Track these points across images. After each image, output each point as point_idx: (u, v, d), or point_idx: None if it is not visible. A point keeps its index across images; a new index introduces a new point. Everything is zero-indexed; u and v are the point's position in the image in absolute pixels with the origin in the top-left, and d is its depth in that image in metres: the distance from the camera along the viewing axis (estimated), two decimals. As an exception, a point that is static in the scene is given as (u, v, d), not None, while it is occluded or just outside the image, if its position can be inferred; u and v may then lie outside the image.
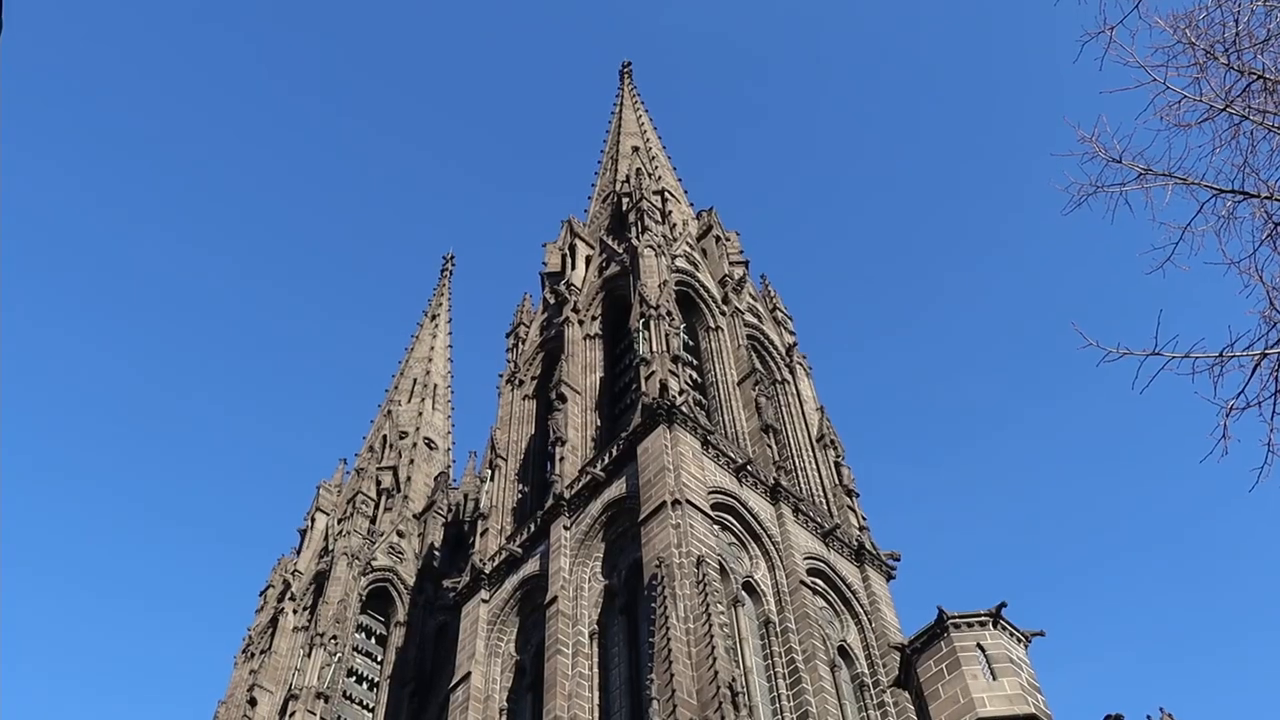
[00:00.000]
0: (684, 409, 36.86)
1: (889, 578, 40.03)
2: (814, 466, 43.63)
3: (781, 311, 52.54)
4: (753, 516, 36.77)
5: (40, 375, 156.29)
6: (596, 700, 32.97)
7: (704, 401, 43.50)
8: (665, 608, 29.84)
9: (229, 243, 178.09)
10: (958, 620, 27.27)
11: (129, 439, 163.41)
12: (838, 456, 44.08)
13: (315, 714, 47.33)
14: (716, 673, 27.72)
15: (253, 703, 51.16)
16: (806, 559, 37.05)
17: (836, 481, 42.88)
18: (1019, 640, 27.47)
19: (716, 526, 34.81)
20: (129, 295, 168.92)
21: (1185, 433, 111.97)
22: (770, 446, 40.39)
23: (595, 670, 33.74)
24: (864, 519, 41.69)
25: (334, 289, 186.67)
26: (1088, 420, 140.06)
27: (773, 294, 53.69)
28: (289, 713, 47.43)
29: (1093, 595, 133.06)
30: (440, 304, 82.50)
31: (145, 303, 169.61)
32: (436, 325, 79.97)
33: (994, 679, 26.02)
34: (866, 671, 35.51)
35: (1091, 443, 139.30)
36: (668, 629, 29.21)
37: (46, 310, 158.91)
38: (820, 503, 41.77)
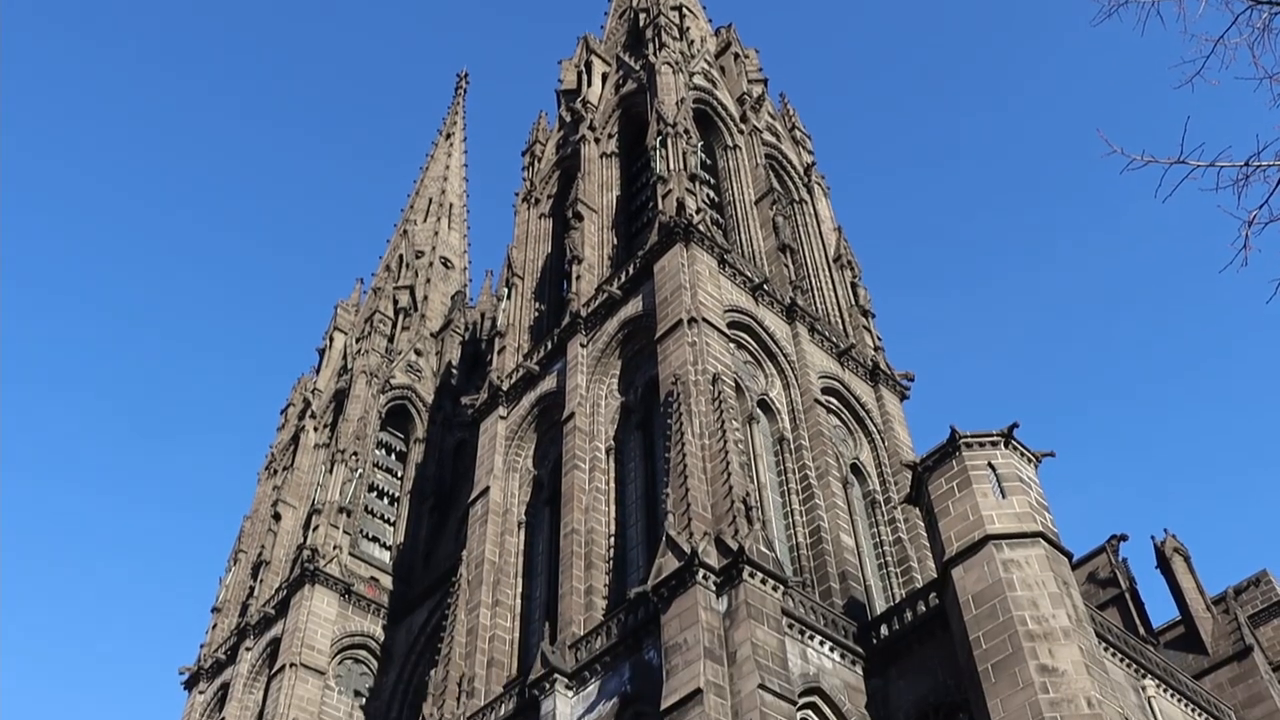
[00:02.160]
0: (701, 227, 36.68)
1: (902, 398, 40.40)
2: (830, 286, 43.64)
3: (800, 131, 51.80)
4: (768, 335, 36.93)
5: (56, 202, 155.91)
6: (613, 514, 33.71)
7: (721, 220, 43.25)
8: (681, 424, 30.22)
9: (245, 64, 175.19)
10: (969, 439, 27.59)
11: (153, 266, 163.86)
12: (854, 277, 44.04)
13: (338, 528, 48.49)
14: (731, 488, 28.23)
15: (277, 517, 52.39)
16: (821, 378, 37.35)
17: (852, 302, 42.94)
18: (1029, 460, 27.82)
19: (732, 345, 35.01)
20: (143, 122, 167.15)
21: (1205, 249, 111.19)
22: (787, 266, 40.32)
23: (612, 485, 34.42)
24: (879, 339, 41.87)
25: (348, 108, 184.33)
26: (1107, 242, 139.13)
27: (791, 113, 52.84)
28: (312, 526, 48.59)
29: (1103, 418, 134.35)
30: (455, 123, 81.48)
31: (162, 129, 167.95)
32: (451, 144, 79.11)
33: (1003, 497, 26.43)
34: (878, 489, 36.14)
35: (1109, 266, 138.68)
36: (683, 445, 29.64)
37: (52, 142, 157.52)
38: (836, 322, 41.91)
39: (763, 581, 26.44)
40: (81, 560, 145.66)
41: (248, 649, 47.83)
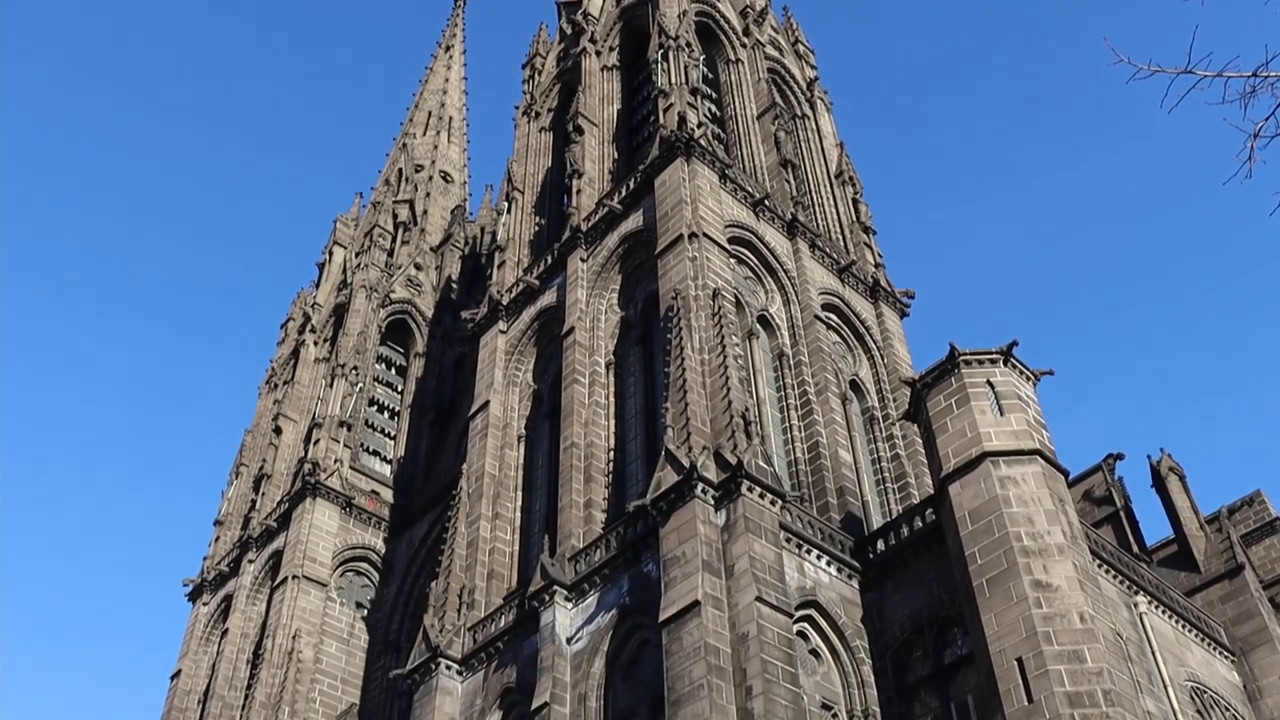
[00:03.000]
0: (702, 142, 36.42)
1: (902, 315, 40.41)
2: (831, 202, 43.44)
3: (803, 45, 51.22)
4: (769, 251, 36.83)
5: (52, 114, 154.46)
6: (613, 428, 33.87)
7: (723, 135, 42.92)
8: (681, 339, 30.25)
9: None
10: (968, 357, 27.63)
11: (152, 179, 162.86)
12: (856, 193, 43.82)
13: (338, 442, 48.72)
14: (730, 402, 28.33)
15: (278, 431, 52.62)
16: (821, 294, 37.32)
17: (854, 218, 42.77)
18: (1028, 378, 27.88)
19: (733, 260, 34.93)
20: (140, 34, 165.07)
21: (1208, 164, 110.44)
22: (788, 182, 40.10)
23: (611, 399, 34.54)
24: (880, 256, 41.77)
25: (346, 21, 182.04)
26: (1110, 158, 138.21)
27: (794, 27, 52.19)
28: (313, 440, 48.82)
29: (1102, 337, 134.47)
30: (454, 35, 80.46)
31: (159, 40, 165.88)
32: (451, 57, 78.19)
33: (1001, 415, 26.53)
34: (877, 405, 36.28)
35: (1112, 181, 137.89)
36: (683, 359, 29.69)
37: (47, 51, 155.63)
38: (837, 239, 41.78)
39: (761, 496, 26.65)
40: (83, 472, 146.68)
41: (250, 561, 48.32)
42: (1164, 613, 29.96)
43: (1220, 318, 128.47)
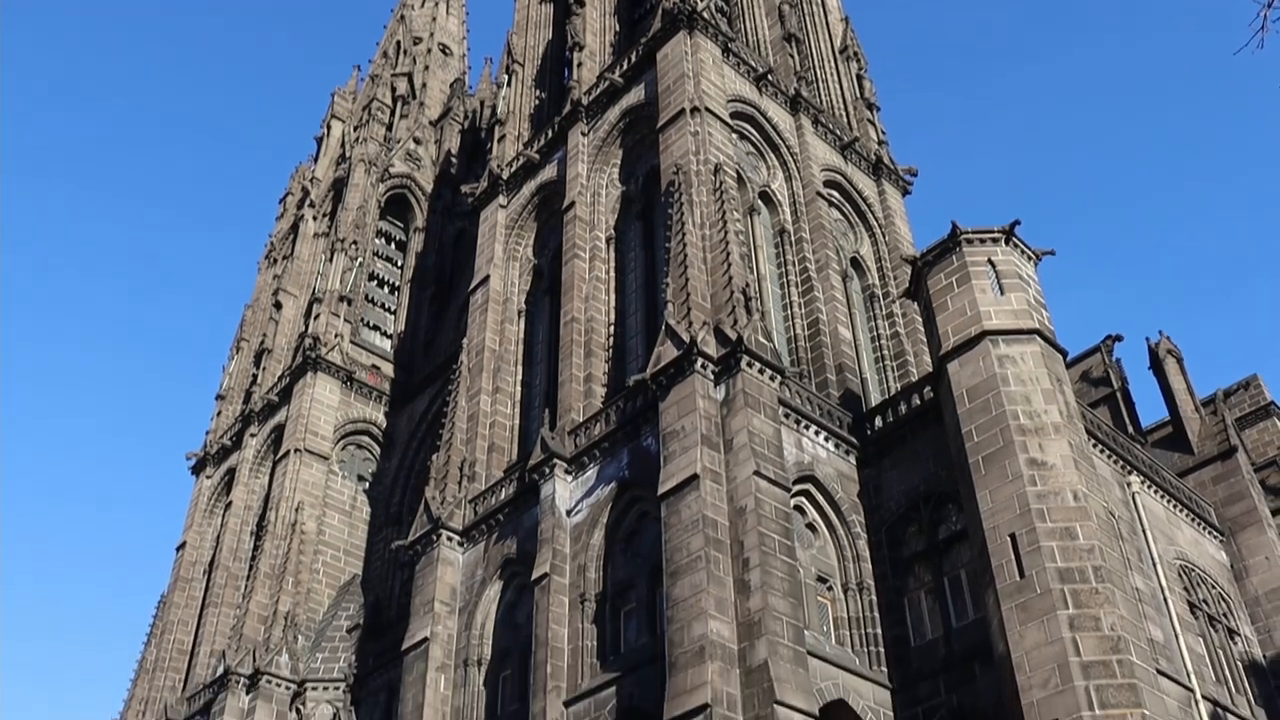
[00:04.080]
0: (705, 14, 35.79)
1: (905, 193, 40.17)
2: (835, 78, 42.85)
3: (808, -84, 50.02)
4: (771, 126, 36.45)
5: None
6: (613, 303, 33.86)
7: (726, 8, 42.11)
8: (682, 214, 30.08)
9: None
10: (970, 235, 27.52)
11: (150, 56, 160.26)
12: (860, 69, 43.20)
13: (339, 316, 48.70)
14: (731, 278, 28.28)
15: (278, 306, 52.57)
16: (823, 170, 37.05)
17: (857, 94, 42.24)
18: (1029, 258, 27.81)
19: (735, 135, 34.59)
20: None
21: (1219, 40, 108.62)
22: (792, 56, 39.53)
23: (612, 274, 34.47)
24: (883, 133, 41.36)
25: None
26: (1117, 36, 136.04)
27: (799, -103, 50.93)
28: (313, 315, 48.79)
29: (1104, 218, 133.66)
30: (452, -97, 78.49)
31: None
32: (448, -74, 76.37)
33: (1002, 294, 26.51)
34: (877, 283, 36.25)
35: (1118, 58, 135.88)
36: (684, 235, 29.56)
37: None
38: (840, 115, 41.32)
39: (760, 371, 26.75)
40: (86, 349, 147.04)
41: (252, 435, 48.66)
42: (1156, 492, 30.31)
43: (1224, 202, 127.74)
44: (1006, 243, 27.56)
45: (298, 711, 38.09)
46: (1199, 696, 25.67)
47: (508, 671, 29.93)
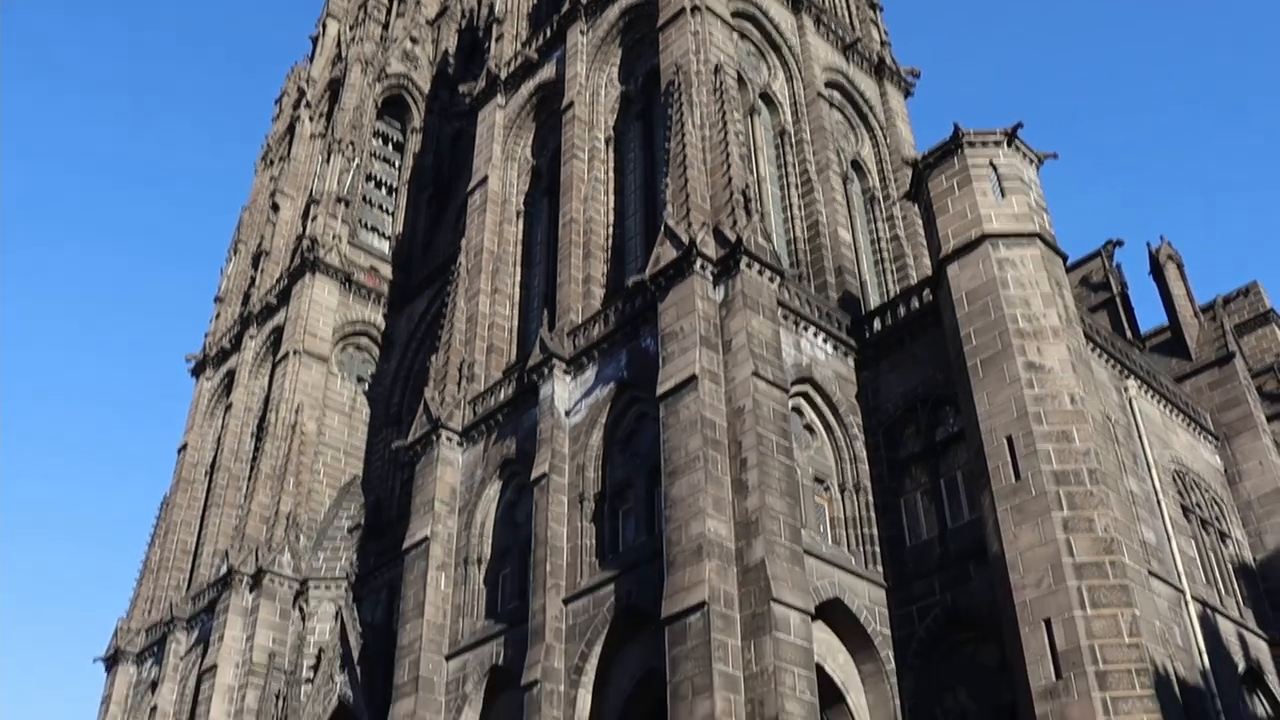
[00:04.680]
0: (705, -89, 35.07)
1: (907, 94, 39.77)
2: (838, -24, 42.15)
3: None
4: (773, 25, 35.95)
5: None
6: (612, 204, 33.66)
7: (728, -95, 41.32)
8: (681, 114, 29.77)
9: None
10: (972, 137, 27.30)
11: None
12: (863, -32, 42.49)
13: (336, 218, 48.44)
14: (730, 179, 28.09)
15: (275, 208, 52.28)
16: (825, 71, 36.62)
17: (860, -7, 41.62)
18: (1031, 161, 27.62)
19: (735, 35, 34.10)
20: None
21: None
22: (794, -47, 38.86)
23: (611, 175, 34.22)
24: (886, 34, 40.81)
25: None
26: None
27: None
28: (310, 216, 48.53)
29: (1108, 121, 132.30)
30: None
31: None
32: None
33: (1002, 197, 26.39)
34: (878, 185, 36.02)
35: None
36: (683, 135, 29.28)
37: None
38: (842, 14, 40.73)
39: (759, 272, 26.69)
40: (84, 251, 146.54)
41: (251, 337, 48.69)
42: (1153, 397, 30.43)
43: (1229, 107, 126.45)
44: (1008, 145, 27.34)
45: (300, 609, 38.64)
46: (1189, 597, 26.06)
47: (508, 570, 30.28)
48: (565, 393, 29.45)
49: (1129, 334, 36.48)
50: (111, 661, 45.53)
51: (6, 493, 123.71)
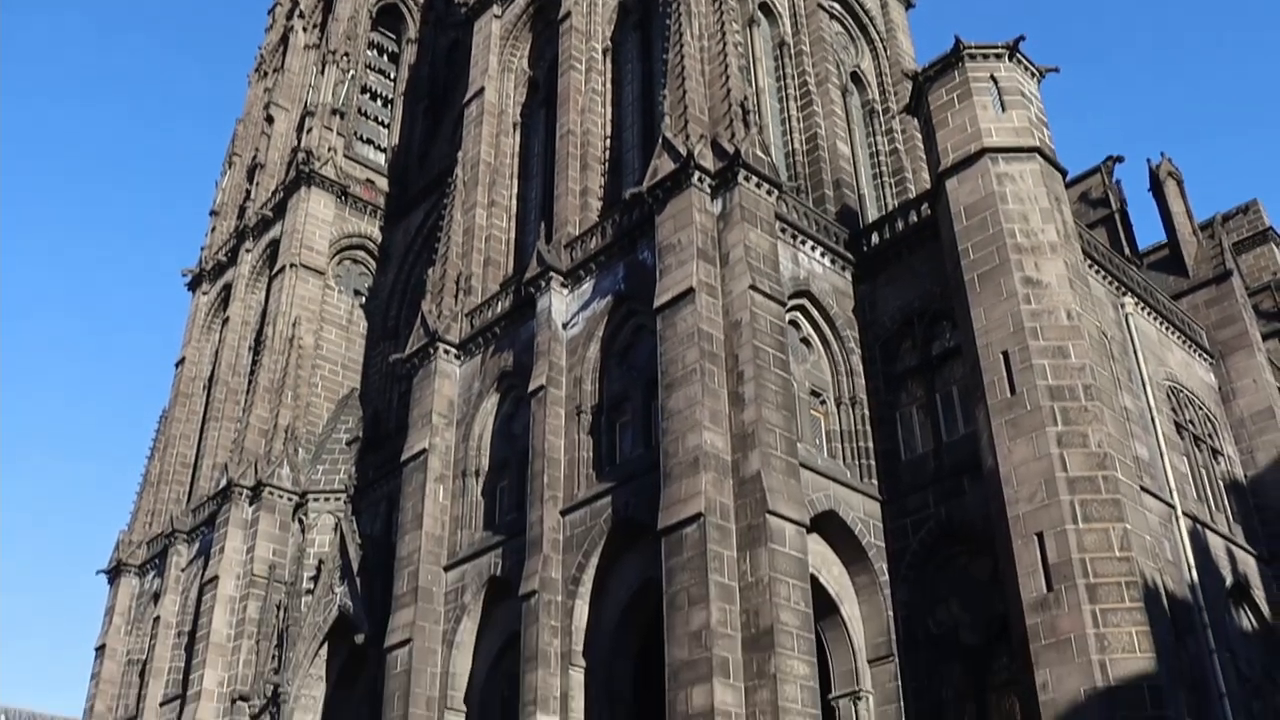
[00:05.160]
0: None
1: (908, 6, 39.33)
2: (838, -117, 41.36)
3: None
4: (771, -65, 35.40)
5: None
6: (609, 115, 33.36)
7: None
8: (680, 24, 29.39)
9: None
10: (973, 50, 27.04)
11: None
12: (866, -127, 41.65)
13: (331, 130, 47.99)
14: (729, 90, 27.83)
15: (269, 120, 51.78)
16: (825, -19, 36.12)
17: (863, -99, 40.84)
18: (1032, 75, 27.38)
19: (734, -56, 33.55)
20: None
21: None
22: None
23: (608, 86, 33.86)
24: (887, -56, 40.19)
25: None
26: None
27: None
28: (305, 129, 48.07)
29: (1112, 34, 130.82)
30: None
31: None
32: None
33: (1003, 111, 26.21)
34: (878, 98, 35.69)
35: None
36: (681, 46, 28.94)
37: None
38: (842, -76, 40.05)
39: (757, 185, 26.56)
40: (78, 165, 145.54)
41: (247, 251, 48.50)
42: (1149, 314, 30.47)
43: (1234, 25, 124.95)
44: (1010, 59, 27.08)
45: (300, 522, 38.99)
46: (1179, 513, 26.30)
47: (505, 482, 30.50)
48: (562, 305, 29.43)
49: (1127, 251, 36.40)
50: (114, 574, 45.97)
51: (7, 409, 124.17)
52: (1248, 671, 26.46)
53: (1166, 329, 31.12)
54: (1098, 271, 28.70)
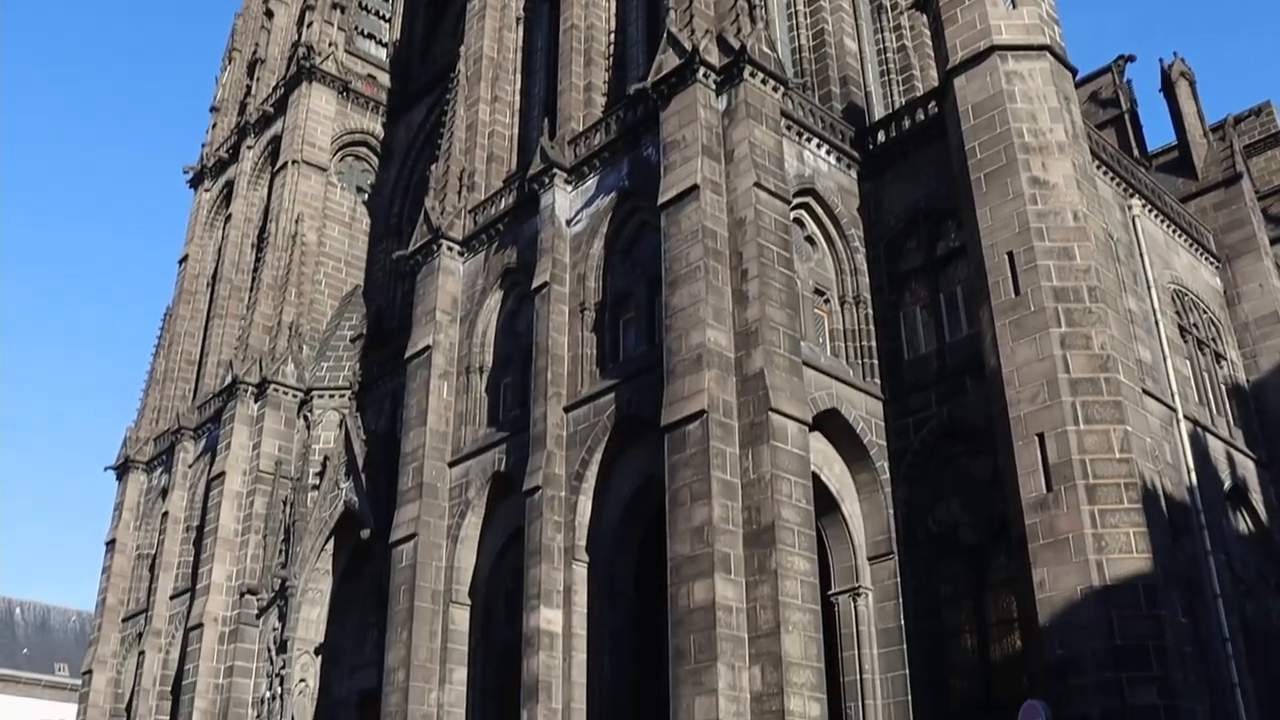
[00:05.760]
0: None
1: (920, -101, 38.39)
2: None
3: None
4: None
5: None
6: (613, 10, 32.12)
7: None
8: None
9: None
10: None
11: None
12: None
13: (332, 24, 47.20)
14: (733, -21, 27.29)
15: (269, 14, 51.05)
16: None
17: None
18: (1045, -31, 26.87)
19: None
20: None
21: None
22: None
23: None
24: None
25: None
26: None
27: None
28: (306, 23, 47.35)
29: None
30: None
31: None
32: None
33: (1013, 7, 25.80)
34: (885, -13, 35.09)
35: None
36: (688, -61, 28.35)
37: None
38: None
39: (763, 82, 26.17)
40: (77, 61, 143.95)
41: (249, 147, 48.12)
42: (1156, 216, 30.32)
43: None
44: (1021, -48, 26.52)
45: (305, 418, 39.22)
46: (1180, 416, 26.42)
47: (509, 378, 30.57)
48: (566, 202, 29.23)
49: (1136, 152, 36.04)
50: (122, 470, 46.44)
51: (12, 308, 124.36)
52: (1242, 573, 26.78)
53: (1173, 232, 30.98)
54: (1106, 173, 28.49)
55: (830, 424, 25.05)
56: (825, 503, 24.51)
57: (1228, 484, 27.84)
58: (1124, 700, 19.36)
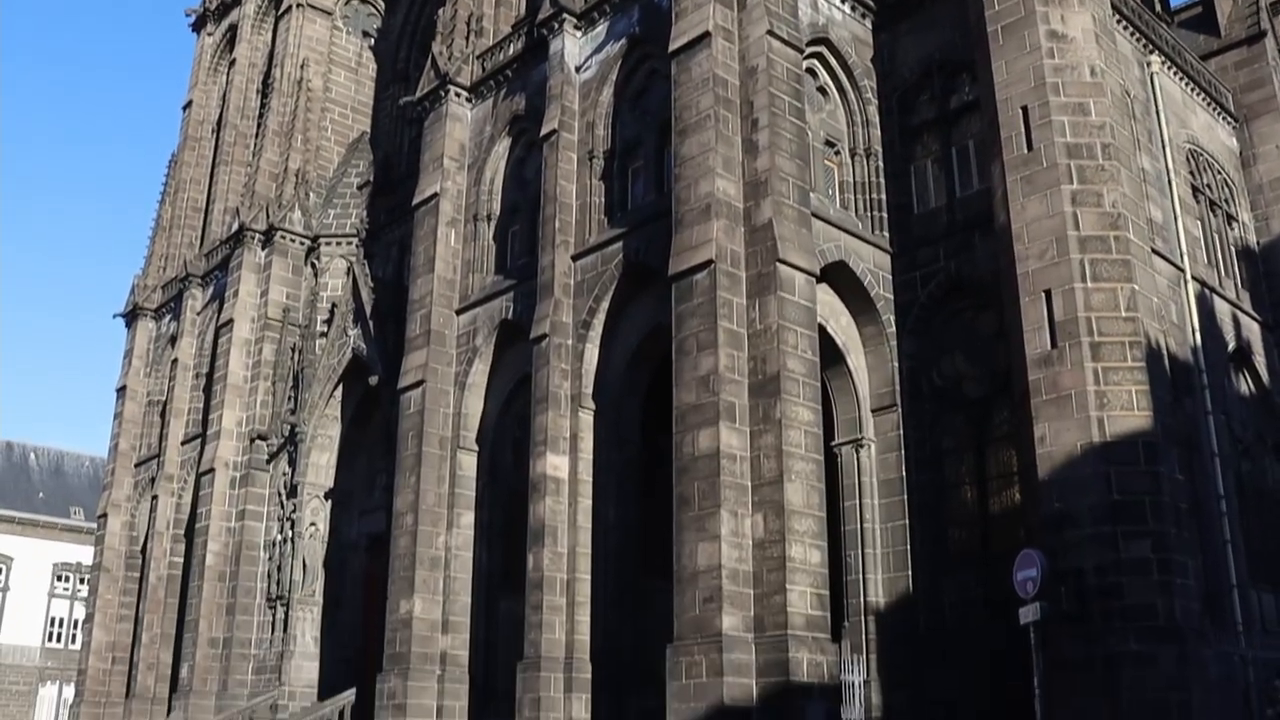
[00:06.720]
0: None
1: None
2: None
3: None
4: None
5: None
6: None
7: None
8: None
9: None
10: None
11: None
12: None
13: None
14: None
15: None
16: None
17: None
18: None
19: None
20: None
21: None
22: None
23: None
24: None
25: None
26: None
27: None
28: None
29: None
30: None
31: None
32: None
33: None
34: None
35: None
36: None
37: None
38: None
39: (779, -73, 25.49)
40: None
41: (252, -12, 47.20)
42: (1175, 74, 29.78)
43: None
44: None
45: (313, 265, 39.26)
46: (1188, 276, 26.33)
47: (517, 227, 30.49)
48: (575, 48, 28.74)
49: (1159, 7, 35.24)
50: (131, 318, 46.65)
51: (16, 156, 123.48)
52: (1240, 433, 27.02)
53: (1192, 90, 30.48)
54: (1125, 27, 27.89)
55: (837, 276, 25.05)
56: (830, 354, 24.65)
57: (1231, 345, 27.87)
58: (1118, 553, 19.68)
